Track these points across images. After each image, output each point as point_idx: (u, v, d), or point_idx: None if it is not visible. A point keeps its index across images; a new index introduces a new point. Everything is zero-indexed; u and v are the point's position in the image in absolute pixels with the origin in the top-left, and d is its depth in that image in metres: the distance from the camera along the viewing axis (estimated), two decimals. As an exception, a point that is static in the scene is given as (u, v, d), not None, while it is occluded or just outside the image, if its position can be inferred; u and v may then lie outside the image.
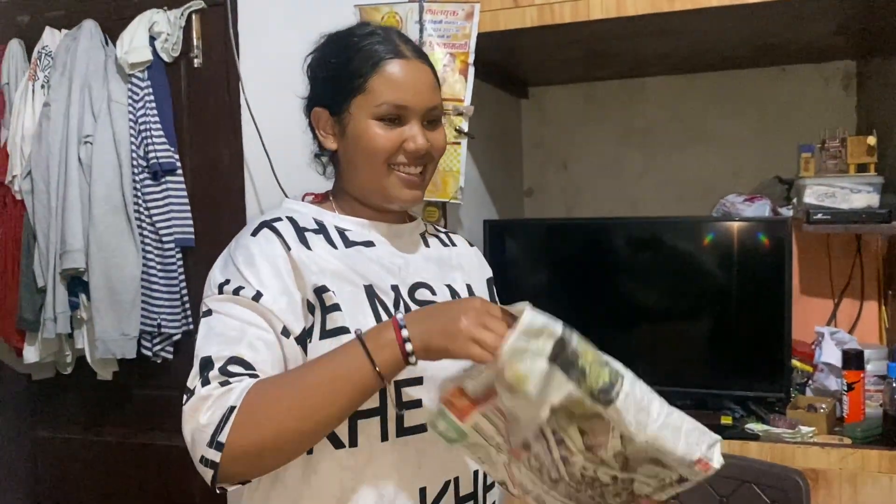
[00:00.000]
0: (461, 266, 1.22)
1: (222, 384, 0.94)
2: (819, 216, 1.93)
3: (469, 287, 1.19)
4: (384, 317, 1.04)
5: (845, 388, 1.85)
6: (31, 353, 2.38)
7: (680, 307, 2.12)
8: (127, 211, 2.28)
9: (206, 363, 0.96)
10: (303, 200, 1.18)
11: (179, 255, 2.32)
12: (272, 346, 0.99)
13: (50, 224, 2.29)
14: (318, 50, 1.16)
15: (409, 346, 0.92)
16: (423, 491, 1.05)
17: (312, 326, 1.02)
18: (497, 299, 1.26)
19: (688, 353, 2.13)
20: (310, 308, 1.03)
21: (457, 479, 1.08)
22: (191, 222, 2.34)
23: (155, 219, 2.29)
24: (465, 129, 1.93)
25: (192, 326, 2.33)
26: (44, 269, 2.31)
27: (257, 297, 0.99)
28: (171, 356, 2.33)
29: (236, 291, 1.00)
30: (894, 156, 1.90)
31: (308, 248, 1.06)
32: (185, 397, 0.96)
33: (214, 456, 0.90)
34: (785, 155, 2.30)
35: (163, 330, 2.29)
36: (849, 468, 1.72)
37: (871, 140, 1.96)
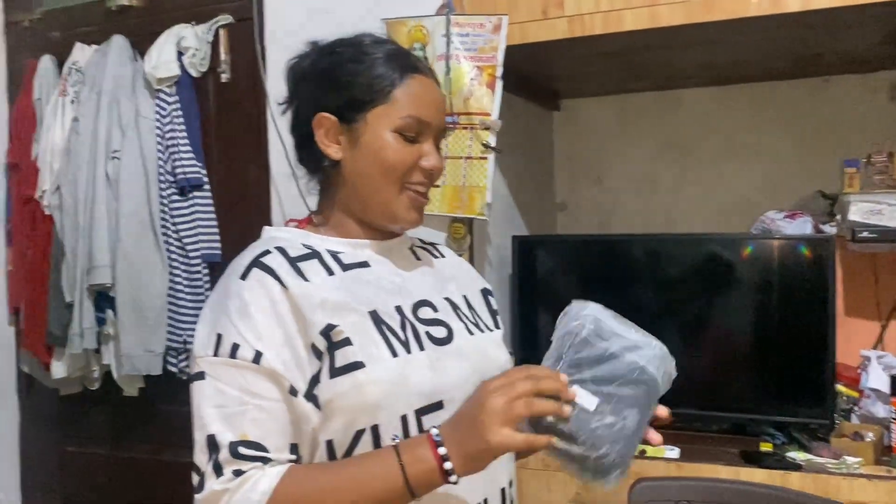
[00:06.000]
0: (454, 277, 1.18)
1: (236, 473, 0.91)
2: (865, 234, 1.86)
3: (465, 298, 1.15)
4: (394, 342, 1.00)
5: (894, 416, 1.77)
6: (58, 369, 2.39)
7: (718, 328, 2.05)
8: (154, 226, 2.28)
9: (212, 443, 0.93)
10: (286, 226, 1.12)
11: (206, 271, 2.31)
12: (277, 415, 0.94)
13: (77, 239, 2.30)
14: (319, 54, 1.11)
15: (447, 465, 0.89)
16: None
17: (320, 370, 0.96)
18: (496, 310, 1.22)
19: (726, 375, 2.05)
20: (315, 352, 0.96)
21: (486, 500, 1.04)
22: (218, 237, 2.33)
23: (182, 234, 2.29)
24: (493, 144, 1.88)
25: (217, 343, 2.31)
26: (71, 285, 2.32)
27: (257, 357, 0.93)
28: (196, 373, 2.32)
29: (233, 352, 0.94)
30: (946, 171, 1.82)
31: (305, 279, 0.99)
32: (195, 477, 0.94)
33: None
34: (827, 169, 2.21)
35: (188, 346, 2.27)
36: (898, 502, 1.63)
37: (921, 154, 1.88)
